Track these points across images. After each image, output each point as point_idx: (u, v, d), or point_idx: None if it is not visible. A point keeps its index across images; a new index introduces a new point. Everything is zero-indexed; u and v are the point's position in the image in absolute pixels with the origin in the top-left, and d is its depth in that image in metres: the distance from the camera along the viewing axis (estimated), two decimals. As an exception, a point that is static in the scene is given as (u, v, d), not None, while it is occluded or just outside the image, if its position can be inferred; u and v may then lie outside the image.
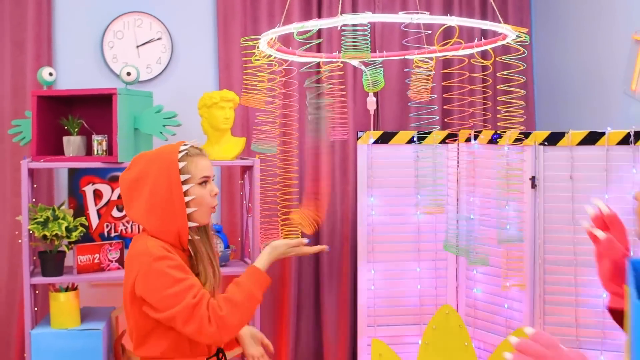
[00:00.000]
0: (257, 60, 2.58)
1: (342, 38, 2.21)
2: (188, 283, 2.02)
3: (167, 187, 2.08)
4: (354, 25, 2.09)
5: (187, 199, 2.09)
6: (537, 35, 4.08)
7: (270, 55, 2.54)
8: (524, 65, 2.75)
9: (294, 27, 2.13)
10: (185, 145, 2.16)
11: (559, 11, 3.90)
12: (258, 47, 2.48)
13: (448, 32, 3.83)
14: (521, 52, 2.48)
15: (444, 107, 3.80)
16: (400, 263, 3.40)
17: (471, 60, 2.85)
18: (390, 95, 3.81)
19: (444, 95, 3.75)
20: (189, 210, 2.09)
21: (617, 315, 1.50)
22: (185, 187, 2.09)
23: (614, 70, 3.43)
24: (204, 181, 2.15)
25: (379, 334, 3.33)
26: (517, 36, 2.50)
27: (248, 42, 2.54)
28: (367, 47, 2.14)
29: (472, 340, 3.05)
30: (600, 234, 1.52)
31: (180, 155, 2.12)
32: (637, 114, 3.23)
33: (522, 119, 2.75)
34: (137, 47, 3.60)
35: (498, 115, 3.04)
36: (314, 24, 2.11)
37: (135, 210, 2.12)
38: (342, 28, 2.11)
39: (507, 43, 2.42)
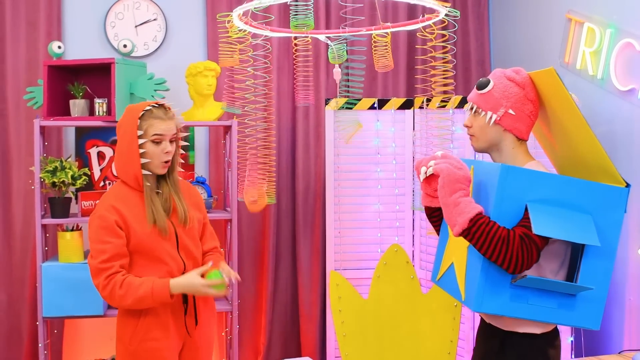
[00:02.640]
0: (236, 33, 3.08)
1: (290, 13, 2.67)
2: (103, 247, 2.34)
3: (129, 139, 2.39)
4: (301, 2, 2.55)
5: (141, 151, 2.37)
6: (494, 14, 4.54)
7: (243, 30, 3.04)
8: (454, 37, 3.19)
9: (253, 5, 2.61)
10: (150, 106, 2.40)
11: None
12: (232, 22, 2.97)
13: (412, 9, 4.31)
14: (450, 24, 2.94)
15: (410, 76, 4.24)
16: (363, 214, 3.89)
17: (417, 34, 3.31)
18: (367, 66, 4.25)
19: (417, 65, 4.16)
20: (143, 161, 2.38)
21: (429, 210, 2.21)
22: (140, 141, 2.36)
23: (552, 44, 3.89)
24: (156, 140, 2.38)
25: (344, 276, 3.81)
26: (449, 12, 2.97)
27: (222, 17, 3.03)
28: (309, 20, 2.61)
29: (417, 274, 3.53)
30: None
31: (142, 113, 2.38)
32: (570, 82, 3.68)
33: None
34: (136, 26, 4.10)
35: (428, 81, 3.49)
36: (267, 0, 2.59)
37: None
38: (289, 3, 2.59)
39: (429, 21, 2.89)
